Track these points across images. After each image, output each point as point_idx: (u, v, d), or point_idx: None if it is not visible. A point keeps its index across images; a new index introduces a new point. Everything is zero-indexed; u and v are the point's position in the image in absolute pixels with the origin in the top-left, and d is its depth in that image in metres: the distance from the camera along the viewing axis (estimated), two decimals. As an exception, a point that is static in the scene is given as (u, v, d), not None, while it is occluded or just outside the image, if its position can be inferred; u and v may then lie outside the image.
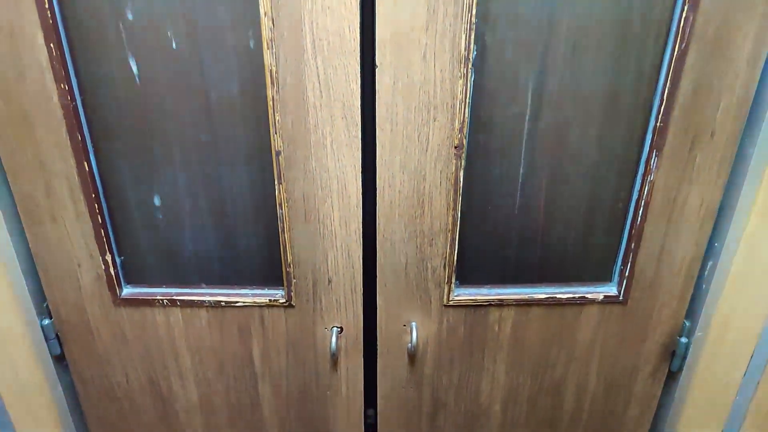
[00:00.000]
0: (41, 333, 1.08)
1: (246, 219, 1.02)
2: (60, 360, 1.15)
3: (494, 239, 1.05)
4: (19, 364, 1.09)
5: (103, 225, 1.00)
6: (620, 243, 1.05)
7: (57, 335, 1.11)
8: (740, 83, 0.89)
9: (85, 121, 0.93)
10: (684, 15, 0.84)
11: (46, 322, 1.09)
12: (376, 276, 1.05)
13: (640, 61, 0.90)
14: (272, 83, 0.87)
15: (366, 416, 1.22)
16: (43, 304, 1.08)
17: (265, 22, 0.83)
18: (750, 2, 0.84)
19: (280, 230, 0.99)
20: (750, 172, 0.94)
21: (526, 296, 1.07)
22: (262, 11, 0.83)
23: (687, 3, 0.83)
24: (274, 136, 0.91)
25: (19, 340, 1.07)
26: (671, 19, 0.87)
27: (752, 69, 0.88)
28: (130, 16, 0.85)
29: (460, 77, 0.88)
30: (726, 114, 0.92)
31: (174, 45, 0.88)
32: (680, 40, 0.86)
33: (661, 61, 0.90)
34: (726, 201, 0.99)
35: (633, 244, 1.03)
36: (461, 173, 0.95)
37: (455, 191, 0.96)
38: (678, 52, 0.87)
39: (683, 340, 1.12)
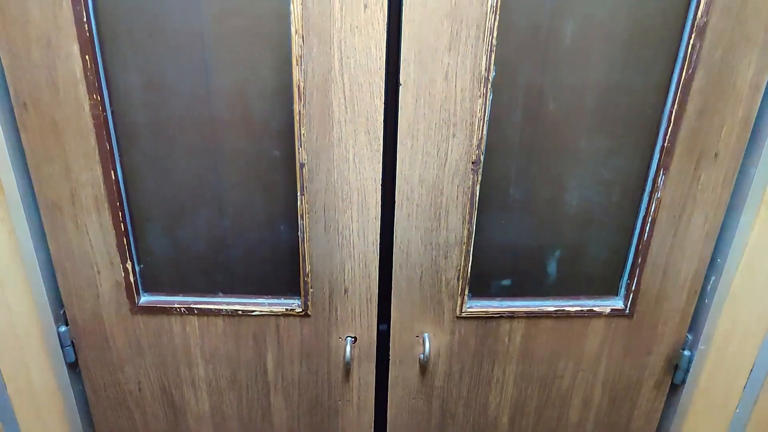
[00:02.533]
0: (57, 340, 1.09)
1: (265, 229, 1.05)
2: (73, 367, 1.15)
3: (506, 252, 1.08)
4: (33, 370, 1.09)
5: (126, 233, 1.02)
6: (627, 258, 1.09)
7: (72, 342, 1.12)
8: (743, 107, 0.94)
9: (114, 131, 0.95)
10: (692, 42, 0.89)
11: (63, 329, 1.09)
12: (390, 287, 1.08)
13: (649, 83, 0.95)
14: (299, 98, 0.91)
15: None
16: (60, 311, 1.09)
17: (296, 40, 0.87)
18: (752, 32, 0.89)
19: (299, 240, 1.02)
20: (751, 192, 0.99)
21: (536, 309, 1.10)
22: (293, 29, 0.86)
23: (694, 31, 0.89)
24: (299, 149, 0.94)
25: (34, 346, 1.07)
26: (679, 45, 0.92)
27: (754, 93, 0.93)
28: (161, 30, 0.89)
29: (480, 96, 0.92)
30: (729, 136, 0.97)
31: (203, 59, 0.91)
32: (687, 65, 0.91)
33: (669, 84, 0.95)
34: (728, 219, 1.04)
35: (639, 260, 1.07)
36: (477, 188, 0.99)
37: (471, 205, 1.00)
38: (685, 76, 0.92)
39: (686, 353, 1.16)
